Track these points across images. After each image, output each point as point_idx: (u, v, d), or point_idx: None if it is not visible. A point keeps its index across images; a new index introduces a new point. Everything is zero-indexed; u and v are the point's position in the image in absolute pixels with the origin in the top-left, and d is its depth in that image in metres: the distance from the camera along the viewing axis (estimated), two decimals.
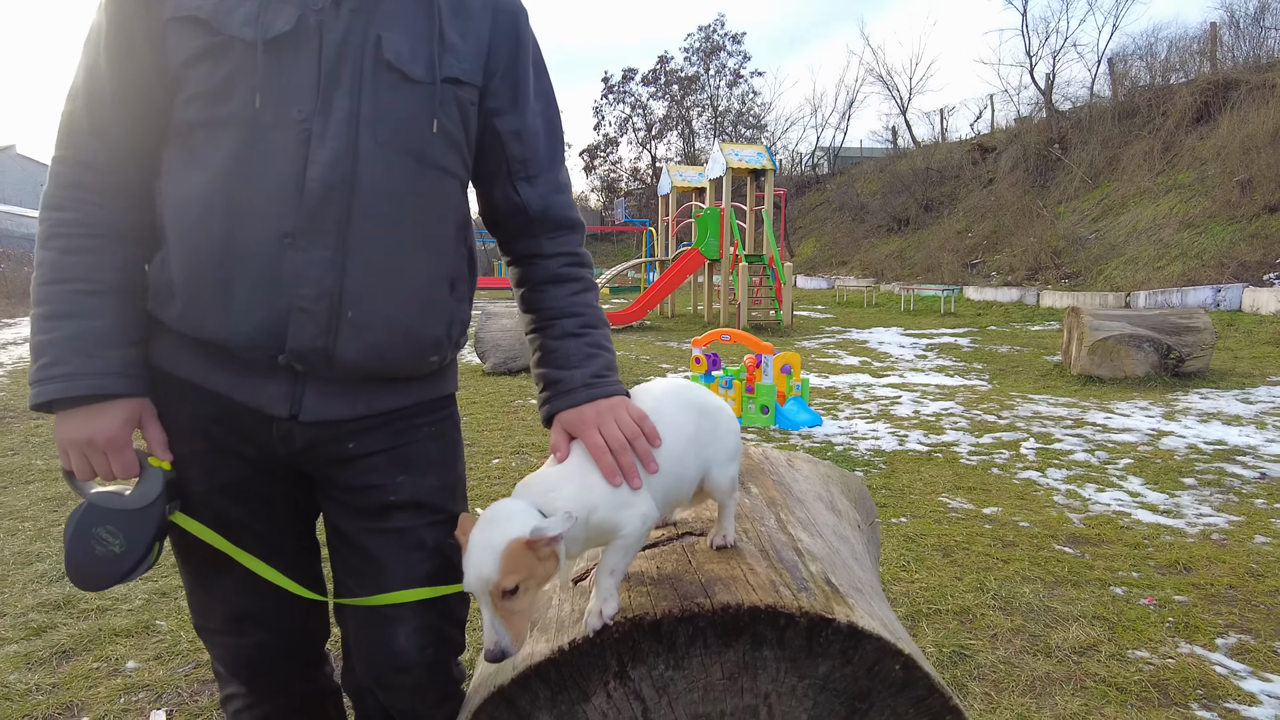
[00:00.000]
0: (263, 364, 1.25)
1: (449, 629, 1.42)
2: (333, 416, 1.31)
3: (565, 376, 1.35)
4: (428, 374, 1.40)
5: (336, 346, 1.24)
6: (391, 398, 1.36)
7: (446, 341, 1.36)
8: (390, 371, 1.31)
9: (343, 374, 1.28)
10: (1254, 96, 17.45)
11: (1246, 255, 13.99)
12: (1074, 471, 4.97)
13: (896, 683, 1.26)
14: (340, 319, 1.23)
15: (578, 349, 1.37)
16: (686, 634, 1.25)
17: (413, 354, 1.32)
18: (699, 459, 1.44)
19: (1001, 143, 25.28)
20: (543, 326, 1.40)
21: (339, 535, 1.40)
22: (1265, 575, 3.37)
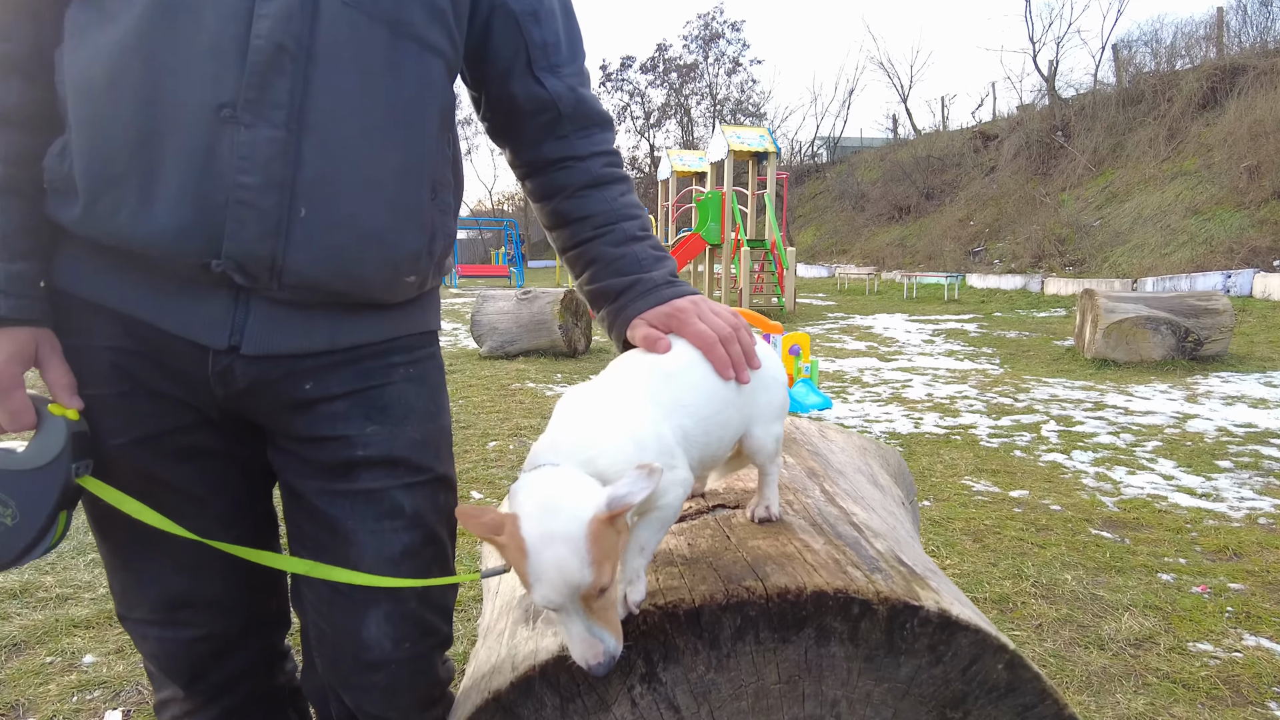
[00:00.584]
0: (193, 277, 0.99)
1: (431, 617, 1.15)
2: (284, 349, 1.04)
3: (643, 278, 1.16)
4: (404, 301, 1.13)
5: (287, 253, 0.98)
6: (359, 329, 1.09)
7: (426, 258, 1.09)
8: (357, 291, 1.05)
9: (296, 292, 1.02)
10: (1261, 82, 17.19)
11: (1256, 241, 13.75)
12: (1101, 454, 4.72)
13: (998, 686, 0.99)
14: (292, 218, 0.98)
15: (646, 253, 1.18)
16: (733, 626, 0.99)
17: (384, 269, 1.05)
18: (740, 414, 1.18)
19: (1004, 130, 25.01)
20: (597, 235, 1.19)
21: (295, 499, 1.13)
22: None
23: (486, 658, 1.21)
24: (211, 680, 1.19)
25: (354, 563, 1.09)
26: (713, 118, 40.91)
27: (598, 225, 1.19)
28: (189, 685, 1.18)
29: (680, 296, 1.15)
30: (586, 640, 0.89)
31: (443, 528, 1.18)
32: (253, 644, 1.23)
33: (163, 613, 1.14)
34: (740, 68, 42.12)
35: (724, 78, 42.94)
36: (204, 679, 1.18)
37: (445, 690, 1.21)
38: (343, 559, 1.09)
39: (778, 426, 1.24)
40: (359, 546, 1.09)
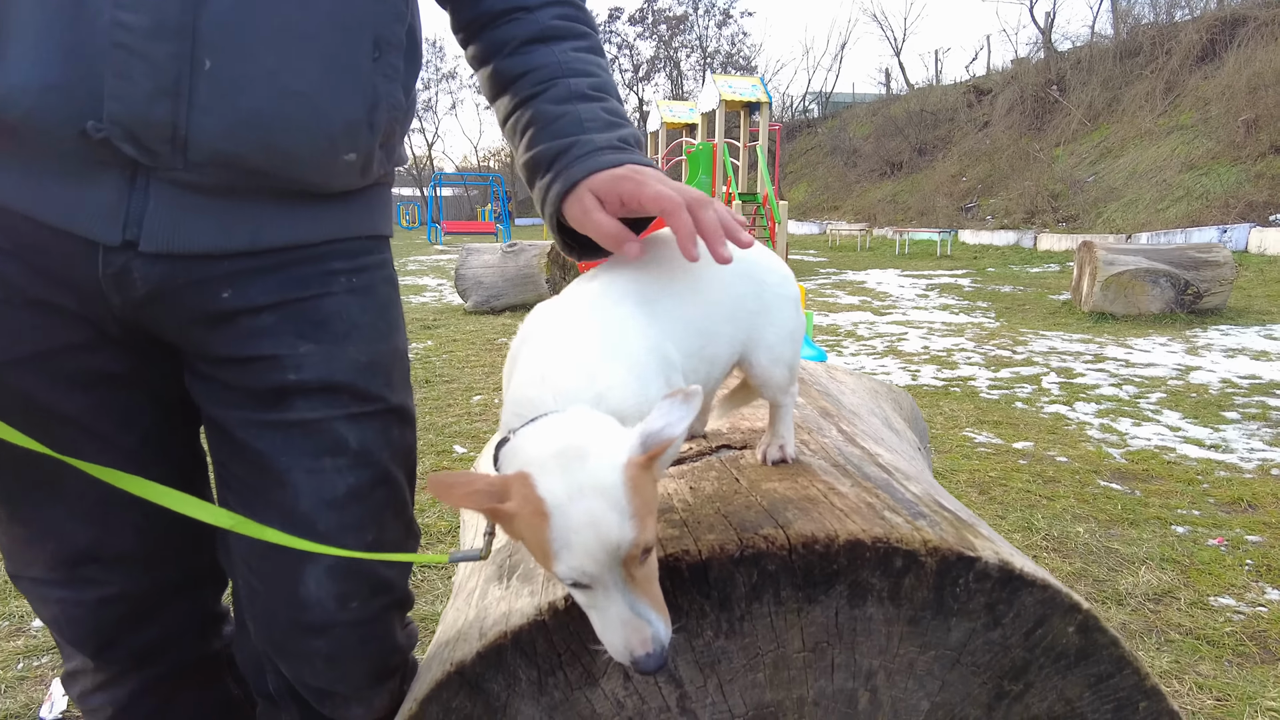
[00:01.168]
0: (75, 153, 0.78)
1: (385, 570, 0.96)
2: (195, 246, 0.84)
3: (583, 139, 0.92)
4: (345, 192, 0.92)
5: (191, 118, 0.78)
6: (290, 225, 0.89)
7: (367, 131, 0.88)
8: (285, 170, 0.85)
9: (208, 172, 0.82)
10: (1262, 33, 16.87)
11: (1253, 196, 13.57)
12: (1105, 406, 4.59)
13: (1068, 653, 0.82)
14: (195, 71, 0.77)
15: (594, 114, 0.94)
16: (748, 582, 0.81)
17: (317, 141, 0.85)
18: (736, 332, 0.98)
19: (998, 84, 24.60)
20: (536, 92, 0.96)
21: (218, 434, 0.94)
22: None
23: (453, 621, 1.02)
24: (127, 648, 1.01)
25: (287, 507, 0.90)
26: (703, 71, 40.10)
27: (539, 80, 0.97)
28: (98, 654, 0.99)
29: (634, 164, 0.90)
30: (631, 624, 0.68)
31: (398, 467, 0.98)
32: (179, 605, 1.04)
33: (62, 570, 0.95)
34: (730, 20, 41.33)
35: (714, 30, 42.02)
36: (117, 646, 1.00)
37: (405, 658, 1.03)
38: (275, 503, 0.90)
39: (789, 352, 1.04)
40: (293, 488, 0.90)
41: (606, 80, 1.00)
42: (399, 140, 0.99)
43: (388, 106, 0.90)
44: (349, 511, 0.92)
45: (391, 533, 0.97)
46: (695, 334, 0.93)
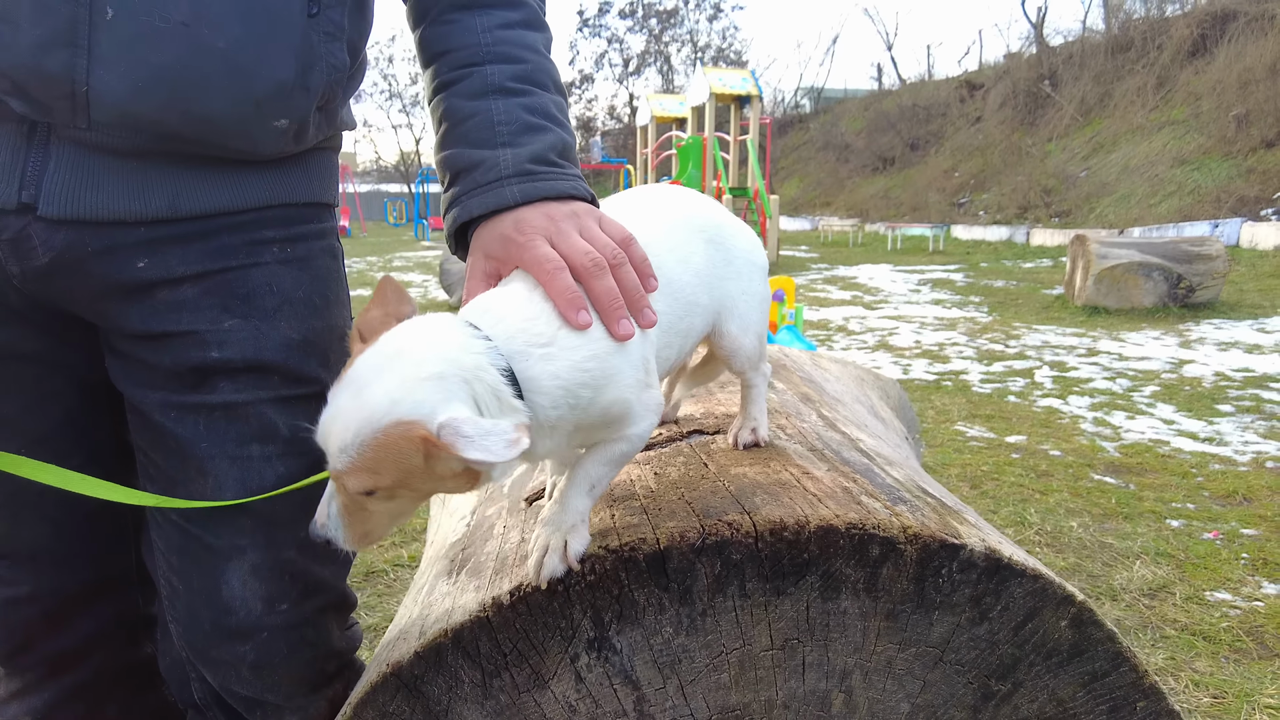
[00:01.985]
0: None
1: (318, 569, 0.89)
2: (102, 212, 0.77)
3: (486, 159, 0.80)
4: (278, 159, 0.84)
5: (93, 72, 0.70)
6: (214, 191, 0.81)
7: (301, 94, 0.80)
8: (204, 135, 0.77)
9: (116, 133, 0.74)
10: (1252, 28, 16.85)
11: (1244, 191, 13.56)
12: (1098, 399, 4.53)
13: (1060, 649, 0.75)
14: (94, 20, 0.69)
15: (510, 113, 0.82)
16: (710, 573, 0.73)
17: (240, 105, 0.76)
18: (710, 301, 0.91)
19: (990, 79, 24.57)
20: (450, 80, 0.85)
21: (138, 418, 0.86)
22: None
23: (399, 619, 0.95)
24: (44, 652, 0.93)
25: (209, 498, 0.82)
26: (693, 65, 39.99)
27: (456, 64, 0.86)
28: (9, 660, 0.92)
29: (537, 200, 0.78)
30: (322, 506, 0.69)
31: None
32: (101, 608, 0.96)
33: None
34: (722, 13, 41.13)
35: (705, 24, 41.91)
36: (30, 651, 0.92)
37: (347, 662, 0.95)
38: (195, 495, 0.83)
39: (758, 321, 0.97)
40: (215, 479, 0.82)
41: (535, 66, 0.87)
42: (342, 103, 0.91)
43: (326, 68, 0.82)
44: (278, 505, 0.84)
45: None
46: (678, 305, 0.86)
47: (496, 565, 0.85)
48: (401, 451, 0.62)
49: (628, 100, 41.41)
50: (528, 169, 0.80)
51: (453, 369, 0.65)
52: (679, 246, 0.88)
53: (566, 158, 0.85)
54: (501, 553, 0.88)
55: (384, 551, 2.60)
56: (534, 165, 0.81)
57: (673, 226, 0.90)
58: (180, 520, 0.83)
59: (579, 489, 0.77)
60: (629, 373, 0.75)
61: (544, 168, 0.81)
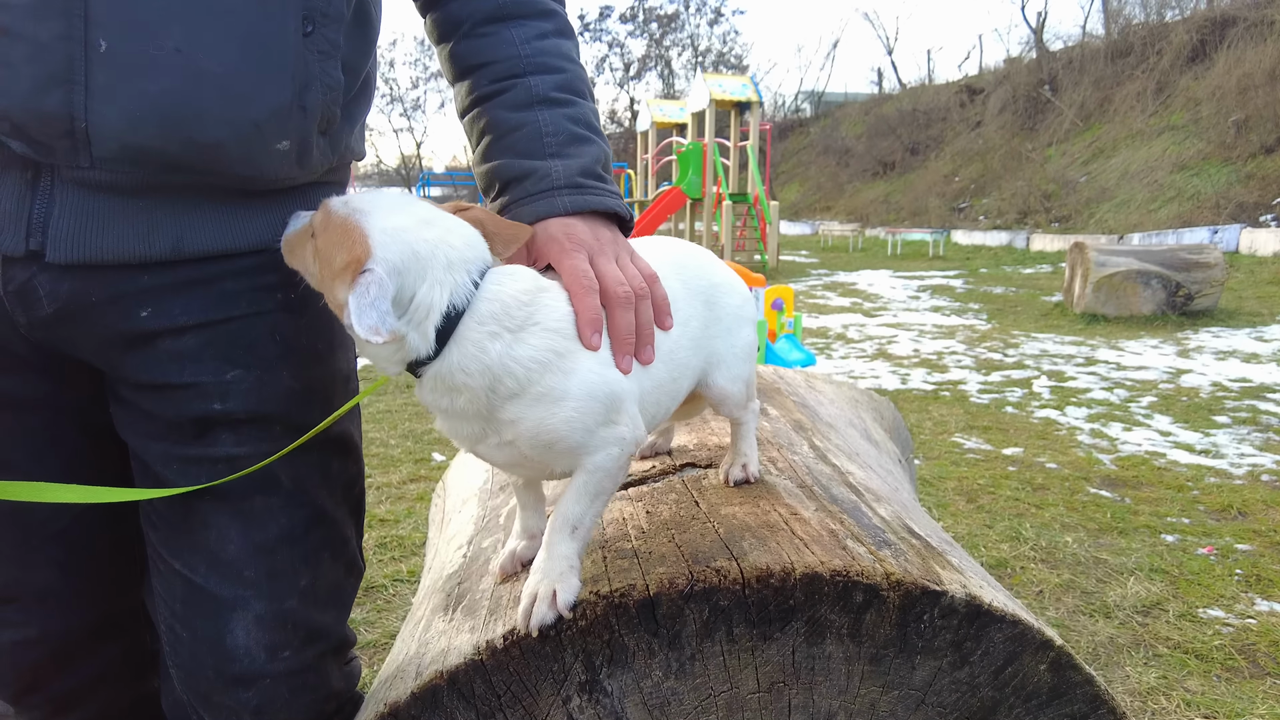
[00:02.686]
0: None
1: (320, 615, 0.90)
2: (108, 254, 0.77)
3: (540, 169, 0.87)
4: (283, 190, 0.85)
5: (91, 108, 0.71)
6: (217, 229, 0.82)
7: (300, 115, 0.80)
8: (208, 163, 0.77)
9: (119, 169, 0.75)
10: (1251, 34, 16.89)
11: (1243, 196, 13.59)
12: (1095, 410, 4.55)
13: (1039, 693, 0.77)
14: (89, 55, 0.70)
15: (558, 125, 0.89)
16: (699, 620, 0.75)
17: (237, 130, 0.76)
18: (699, 361, 0.94)
19: (990, 84, 24.61)
20: (494, 92, 0.90)
21: (140, 467, 0.88)
22: None
23: (396, 654, 0.97)
24: (52, 692, 0.94)
25: (212, 551, 0.84)
26: (694, 70, 40.06)
27: (498, 76, 0.90)
28: (19, 698, 0.93)
29: (583, 211, 0.85)
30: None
31: (338, 504, 0.92)
32: (107, 647, 0.98)
33: None
34: (722, 18, 41.27)
35: (706, 28, 41.99)
36: (40, 690, 0.93)
37: (345, 702, 0.97)
38: (199, 546, 0.84)
39: (745, 368, 1.00)
40: (218, 531, 0.84)
41: (574, 75, 0.92)
42: (346, 128, 0.90)
43: (322, 87, 0.81)
44: (279, 556, 0.86)
45: (329, 574, 0.91)
46: (672, 368, 0.88)
47: (491, 605, 0.87)
48: (336, 241, 0.72)
49: (628, 105, 41.48)
50: (578, 182, 0.86)
51: (429, 263, 0.73)
52: (678, 311, 0.90)
53: (608, 170, 0.90)
54: (497, 592, 0.90)
55: (384, 567, 2.62)
56: (583, 179, 0.86)
57: (674, 290, 0.92)
58: (185, 570, 0.84)
59: (561, 532, 0.79)
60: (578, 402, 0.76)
61: (591, 181, 0.87)
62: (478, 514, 1.34)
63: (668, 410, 0.92)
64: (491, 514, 1.27)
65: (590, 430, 0.77)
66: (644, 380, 0.84)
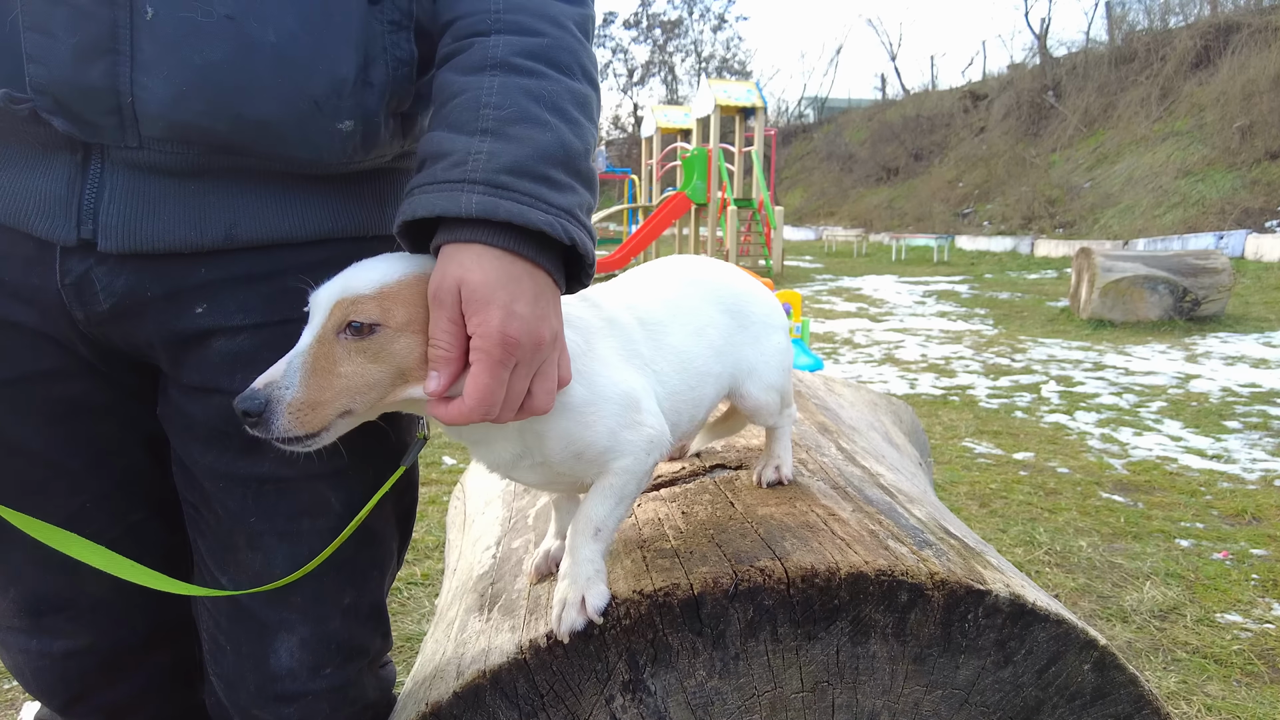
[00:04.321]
0: (11, 130, 0.72)
1: (360, 631, 0.90)
2: (159, 243, 0.74)
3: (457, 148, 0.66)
4: (343, 176, 0.80)
5: (137, 81, 0.67)
6: (274, 215, 0.78)
7: (366, 91, 0.74)
8: (260, 143, 0.72)
9: (168, 149, 0.71)
10: (1255, 40, 16.88)
11: (1248, 202, 13.57)
12: (1105, 415, 4.54)
13: (1083, 692, 0.77)
14: (135, 21, 0.66)
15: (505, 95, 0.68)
16: (743, 619, 0.76)
17: (292, 106, 0.71)
18: (723, 370, 0.93)
19: (994, 90, 24.62)
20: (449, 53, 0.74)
21: (184, 474, 0.86)
22: None
23: (431, 654, 0.97)
24: (100, 703, 0.93)
25: (257, 574, 0.83)
26: (697, 75, 40.16)
27: (462, 34, 0.72)
28: (66, 709, 0.92)
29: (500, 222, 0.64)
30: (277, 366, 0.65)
31: (386, 519, 0.91)
32: (157, 657, 0.97)
33: (24, 619, 0.88)
34: (726, 24, 41.34)
35: (709, 34, 42.08)
36: (88, 700, 0.92)
37: (380, 709, 0.96)
38: (244, 565, 0.84)
39: (779, 378, 1.00)
40: (267, 555, 0.82)
41: (554, 41, 0.72)
42: (422, 109, 0.82)
43: (392, 61, 0.75)
44: (327, 581, 0.84)
45: (374, 592, 0.90)
46: (690, 376, 0.88)
47: (530, 605, 0.87)
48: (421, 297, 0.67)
49: (632, 110, 41.54)
50: (500, 181, 0.65)
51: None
52: (694, 319, 0.90)
53: (570, 170, 0.69)
54: (534, 592, 0.90)
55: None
56: (511, 177, 0.65)
57: (689, 299, 0.93)
58: (230, 586, 0.83)
59: (584, 534, 0.79)
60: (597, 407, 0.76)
61: (525, 182, 0.66)
62: (503, 515, 1.34)
63: (692, 419, 0.92)
64: (519, 515, 1.27)
65: (614, 433, 0.77)
66: (658, 389, 0.84)
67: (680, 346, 0.87)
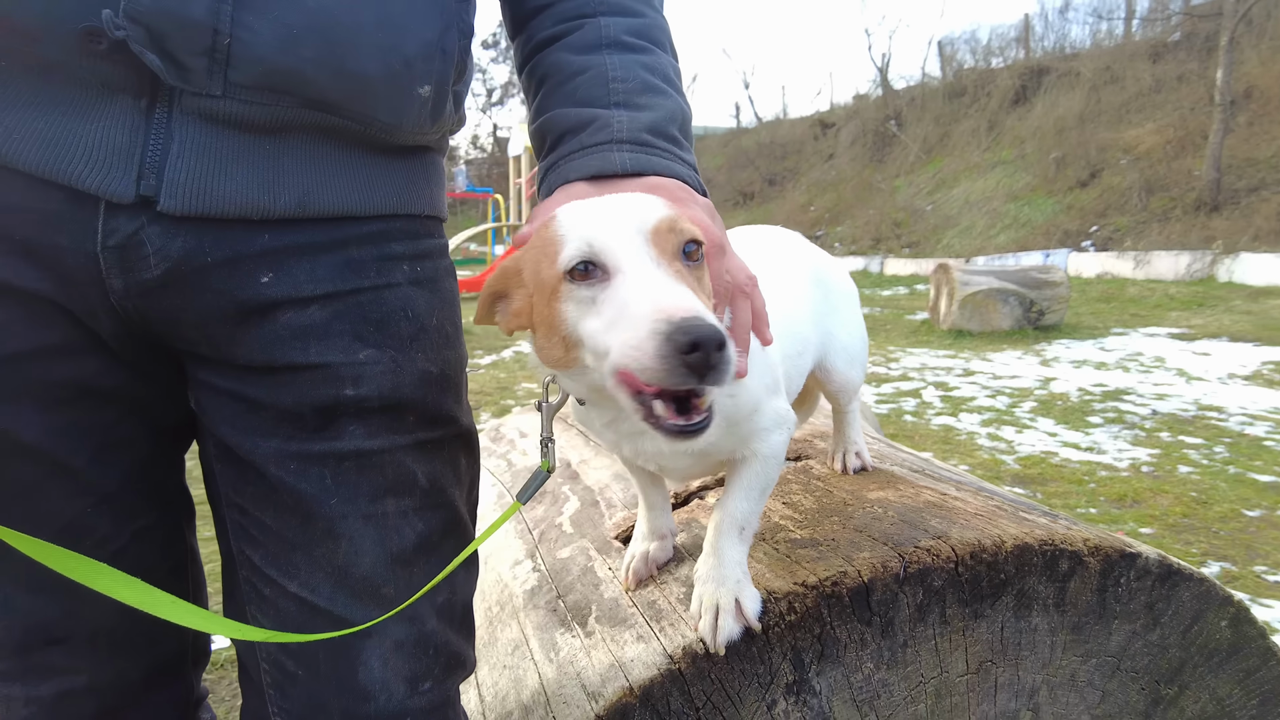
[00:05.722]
0: (66, 65, 0.60)
1: (456, 638, 0.79)
2: (229, 206, 0.65)
3: (598, 117, 0.73)
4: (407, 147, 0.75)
5: (236, 19, 0.60)
6: (347, 185, 0.71)
7: (439, 56, 0.72)
8: (351, 98, 0.67)
9: (252, 97, 0.63)
10: (1062, 82, 18.96)
11: (1066, 225, 15.13)
12: (986, 416, 4.87)
13: (1220, 649, 0.79)
14: None
15: (627, 69, 0.76)
16: (913, 603, 0.72)
17: (389, 64, 0.67)
18: (817, 338, 0.91)
19: (841, 119, 26.24)
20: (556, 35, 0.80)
21: (238, 469, 0.74)
22: (1210, 502, 3.29)
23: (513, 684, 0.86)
24: None
25: (341, 567, 0.71)
26: None
27: (563, 18, 0.79)
28: None
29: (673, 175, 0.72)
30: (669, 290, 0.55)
31: (467, 508, 0.82)
32: (158, 696, 0.81)
33: (17, 658, 0.72)
34: None
35: None
36: None
37: None
38: (322, 561, 0.71)
39: (862, 352, 0.99)
40: (349, 541, 0.71)
41: (653, 22, 0.80)
42: (463, 83, 0.81)
43: (459, 31, 0.74)
44: (419, 568, 0.73)
45: (464, 589, 0.79)
46: (796, 342, 0.85)
47: (650, 612, 0.79)
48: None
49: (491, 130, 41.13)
50: (644, 139, 0.72)
51: None
52: (791, 285, 0.88)
53: (685, 134, 0.77)
54: (645, 597, 0.83)
55: None
56: (652, 136, 0.72)
57: (785, 266, 0.90)
58: (303, 592, 0.71)
59: (729, 535, 0.74)
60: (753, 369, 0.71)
61: (662, 142, 0.73)
62: (513, 528, 1.24)
63: (795, 389, 0.89)
64: (545, 525, 1.18)
65: (760, 398, 0.73)
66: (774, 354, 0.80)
67: (787, 310, 0.83)
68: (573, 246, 0.58)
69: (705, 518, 0.95)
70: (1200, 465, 3.85)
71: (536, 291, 0.61)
